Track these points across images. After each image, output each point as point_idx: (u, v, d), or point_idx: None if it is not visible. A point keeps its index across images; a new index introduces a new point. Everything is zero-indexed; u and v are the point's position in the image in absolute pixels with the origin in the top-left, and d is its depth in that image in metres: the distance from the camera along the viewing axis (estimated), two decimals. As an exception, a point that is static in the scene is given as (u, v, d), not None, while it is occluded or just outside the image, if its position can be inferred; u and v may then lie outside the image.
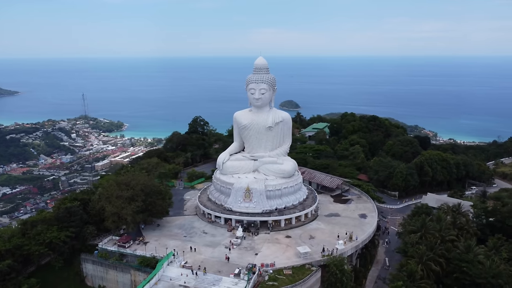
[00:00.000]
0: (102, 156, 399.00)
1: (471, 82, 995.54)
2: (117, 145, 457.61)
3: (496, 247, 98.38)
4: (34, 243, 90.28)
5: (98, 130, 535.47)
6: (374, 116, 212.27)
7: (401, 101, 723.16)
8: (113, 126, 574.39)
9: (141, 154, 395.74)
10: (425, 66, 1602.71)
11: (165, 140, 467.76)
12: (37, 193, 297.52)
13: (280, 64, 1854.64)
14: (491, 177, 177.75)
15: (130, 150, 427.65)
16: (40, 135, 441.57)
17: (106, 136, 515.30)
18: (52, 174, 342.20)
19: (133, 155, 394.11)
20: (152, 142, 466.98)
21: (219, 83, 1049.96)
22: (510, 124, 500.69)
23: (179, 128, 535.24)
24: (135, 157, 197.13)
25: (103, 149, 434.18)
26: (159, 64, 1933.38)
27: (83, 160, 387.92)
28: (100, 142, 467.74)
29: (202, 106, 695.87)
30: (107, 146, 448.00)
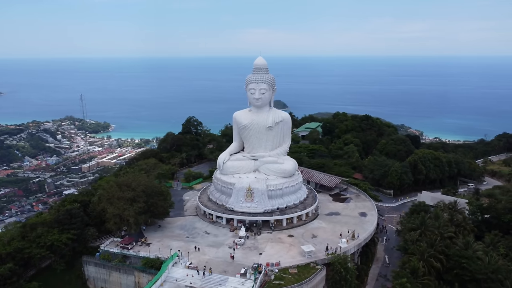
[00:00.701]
0: (89, 158, 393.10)
1: (455, 82, 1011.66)
2: (104, 146, 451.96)
3: (493, 243, 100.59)
4: (35, 246, 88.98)
5: (84, 131, 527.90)
6: (367, 116, 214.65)
7: (387, 100, 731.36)
8: (100, 127, 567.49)
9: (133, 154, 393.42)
10: (410, 66, 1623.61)
11: (152, 140, 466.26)
12: (22, 195, 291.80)
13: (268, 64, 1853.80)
14: (482, 174, 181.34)
15: (117, 151, 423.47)
16: (24, 137, 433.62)
17: (93, 137, 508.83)
18: (37, 176, 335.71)
19: (120, 156, 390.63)
20: (139, 143, 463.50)
21: (208, 83, 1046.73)
22: (492, 122, 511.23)
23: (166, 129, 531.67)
24: (131, 158, 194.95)
25: (89, 150, 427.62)
26: (145, 64, 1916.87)
27: (69, 162, 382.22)
28: (87, 144, 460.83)
29: (191, 106, 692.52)
30: (93, 147, 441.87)
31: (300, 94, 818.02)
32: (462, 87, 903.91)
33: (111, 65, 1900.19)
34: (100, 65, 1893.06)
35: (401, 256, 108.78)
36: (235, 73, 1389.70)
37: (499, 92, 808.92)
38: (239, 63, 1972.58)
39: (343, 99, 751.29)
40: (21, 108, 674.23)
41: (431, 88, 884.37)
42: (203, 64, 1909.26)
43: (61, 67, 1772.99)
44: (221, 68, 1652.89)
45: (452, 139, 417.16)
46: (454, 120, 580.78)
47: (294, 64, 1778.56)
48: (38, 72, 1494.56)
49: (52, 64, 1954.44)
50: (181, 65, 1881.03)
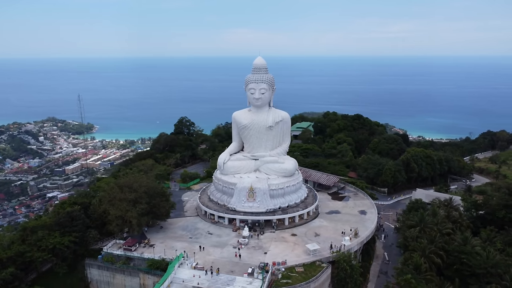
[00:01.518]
0: (73, 159, 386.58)
1: (437, 81, 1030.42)
2: (87, 147, 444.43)
3: (489, 239, 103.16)
4: (36, 249, 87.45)
5: (67, 133, 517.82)
6: (358, 115, 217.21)
7: (372, 100, 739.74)
8: (83, 128, 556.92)
9: (117, 155, 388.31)
10: (394, 66, 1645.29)
11: (137, 141, 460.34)
12: (4, 199, 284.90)
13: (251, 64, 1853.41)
14: (470, 172, 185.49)
15: (101, 152, 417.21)
16: (5, 139, 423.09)
17: (76, 138, 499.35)
18: (19, 178, 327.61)
19: (105, 157, 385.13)
20: (124, 144, 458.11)
21: (192, 83, 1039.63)
22: (474, 121, 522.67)
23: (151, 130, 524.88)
24: (127, 159, 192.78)
25: (73, 152, 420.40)
26: (129, 64, 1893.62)
27: (53, 164, 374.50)
28: (70, 145, 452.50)
29: (175, 107, 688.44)
30: (77, 149, 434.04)
31: (285, 94, 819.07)
32: (444, 86, 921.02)
33: (95, 65, 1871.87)
34: (84, 65, 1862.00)
35: (400, 253, 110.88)
36: (219, 73, 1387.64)
37: (481, 91, 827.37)
38: (223, 63, 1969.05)
39: (329, 98, 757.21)
40: (1, 109, 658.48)
41: (414, 88, 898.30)
42: (188, 64, 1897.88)
43: (43, 67, 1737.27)
44: (205, 68, 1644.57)
45: (435, 138, 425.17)
46: (437, 119, 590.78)
47: (278, 64, 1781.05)
48: (18, 72, 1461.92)
49: (34, 65, 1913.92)
50: (166, 65, 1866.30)
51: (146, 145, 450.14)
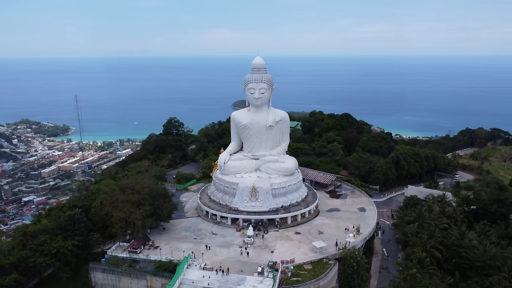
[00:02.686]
0: (49, 162, 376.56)
1: (412, 81, 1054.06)
2: (64, 150, 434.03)
3: (484, 232, 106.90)
4: (39, 254, 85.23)
5: (42, 135, 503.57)
6: (347, 114, 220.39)
7: (349, 99, 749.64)
8: (59, 130, 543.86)
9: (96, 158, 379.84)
10: (370, 66, 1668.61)
11: (116, 143, 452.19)
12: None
13: (230, 64, 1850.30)
14: (455, 168, 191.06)
15: (79, 154, 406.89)
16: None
17: (52, 140, 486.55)
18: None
19: (83, 159, 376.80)
20: (102, 145, 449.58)
21: (170, 84, 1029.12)
22: (449, 119, 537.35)
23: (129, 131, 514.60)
24: (119, 160, 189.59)
25: (49, 154, 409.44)
26: (103, 64, 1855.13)
27: (28, 167, 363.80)
28: (45, 148, 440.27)
29: (153, 107, 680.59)
30: (53, 152, 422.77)
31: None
32: (419, 85, 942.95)
33: (68, 65, 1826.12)
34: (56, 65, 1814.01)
35: (398, 249, 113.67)
36: (198, 73, 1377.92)
37: (455, 90, 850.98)
38: (201, 63, 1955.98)
39: (308, 98, 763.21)
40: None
41: (390, 87, 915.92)
42: (164, 64, 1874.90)
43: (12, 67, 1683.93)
44: (183, 68, 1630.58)
45: (411, 136, 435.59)
46: (413, 117, 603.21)
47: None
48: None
49: (1, 65, 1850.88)
50: (142, 65, 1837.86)
51: (125, 147, 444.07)
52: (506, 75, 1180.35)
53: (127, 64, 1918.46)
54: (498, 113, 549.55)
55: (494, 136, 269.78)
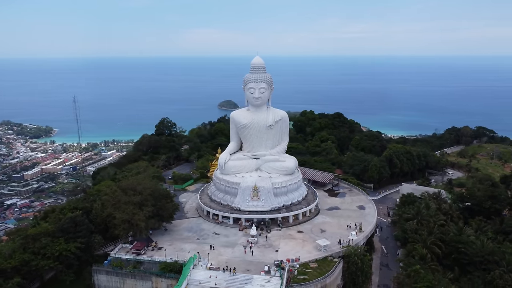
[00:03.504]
0: (31, 164, 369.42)
1: (396, 80, 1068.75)
2: (47, 152, 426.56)
3: (480, 228, 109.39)
4: (41, 257, 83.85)
5: (24, 137, 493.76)
6: (338, 113, 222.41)
7: (335, 98, 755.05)
8: (41, 132, 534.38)
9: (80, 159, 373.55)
10: (354, 66, 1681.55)
11: (100, 144, 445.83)
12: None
13: (215, 64, 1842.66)
14: (445, 166, 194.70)
15: (63, 156, 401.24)
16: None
17: (34, 142, 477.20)
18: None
19: (67, 161, 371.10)
20: (87, 147, 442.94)
21: (155, 84, 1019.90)
22: (432, 118, 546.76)
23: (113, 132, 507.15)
24: (116, 161, 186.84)
25: (31, 156, 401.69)
26: (87, 64, 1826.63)
27: (10, 170, 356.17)
28: (28, 150, 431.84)
29: (138, 108, 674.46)
30: (36, 154, 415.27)
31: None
32: (402, 85, 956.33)
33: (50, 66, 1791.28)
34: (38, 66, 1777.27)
35: (396, 246, 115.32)
36: (183, 73, 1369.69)
37: (436, 90, 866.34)
38: (186, 63, 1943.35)
39: (293, 98, 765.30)
40: None
41: (374, 87, 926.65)
42: (149, 64, 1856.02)
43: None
44: (167, 68, 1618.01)
45: (396, 135, 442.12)
46: (398, 116, 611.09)
47: (242, 64, 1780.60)
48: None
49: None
50: (126, 65, 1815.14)
51: (110, 148, 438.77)
52: (488, 75, 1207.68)
53: (111, 64, 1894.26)
54: (481, 112, 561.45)
55: (479, 134, 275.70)
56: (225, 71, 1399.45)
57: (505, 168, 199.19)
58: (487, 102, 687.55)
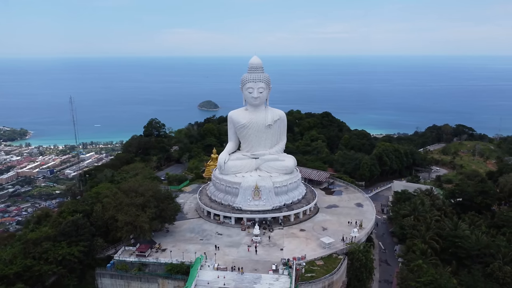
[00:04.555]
0: (6, 168, 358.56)
1: (373, 80, 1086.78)
2: (22, 155, 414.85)
3: (473, 223, 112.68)
4: (43, 262, 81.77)
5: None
6: (327, 113, 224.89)
7: (314, 98, 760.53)
8: (16, 134, 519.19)
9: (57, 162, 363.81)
10: (333, 65, 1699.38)
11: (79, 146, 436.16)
12: None
13: (194, 64, 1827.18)
14: (431, 163, 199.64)
15: (39, 159, 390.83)
16: None
17: (9, 145, 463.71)
18: None
19: (43, 164, 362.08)
20: (64, 149, 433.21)
21: (133, 84, 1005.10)
22: (410, 117, 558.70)
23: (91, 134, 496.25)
24: (105, 163, 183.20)
25: (6, 160, 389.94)
26: (62, 65, 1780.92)
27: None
28: (2, 153, 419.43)
29: (117, 109, 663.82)
30: (10, 157, 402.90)
31: (230, 94, 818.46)
32: (380, 84, 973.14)
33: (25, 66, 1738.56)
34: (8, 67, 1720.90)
35: (393, 242, 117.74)
36: (160, 73, 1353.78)
37: (414, 89, 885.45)
38: (163, 63, 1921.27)
39: (272, 97, 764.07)
40: None
41: (353, 86, 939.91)
42: (128, 64, 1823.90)
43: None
44: (146, 68, 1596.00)
45: (375, 133, 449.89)
46: (376, 115, 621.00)
47: (221, 64, 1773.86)
48: None
49: None
50: (104, 65, 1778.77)
51: (88, 150, 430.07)
52: (463, 74, 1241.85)
53: (89, 64, 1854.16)
54: (458, 110, 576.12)
55: (459, 132, 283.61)
56: (205, 71, 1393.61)
57: (487, 164, 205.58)
58: (463, 100, 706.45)
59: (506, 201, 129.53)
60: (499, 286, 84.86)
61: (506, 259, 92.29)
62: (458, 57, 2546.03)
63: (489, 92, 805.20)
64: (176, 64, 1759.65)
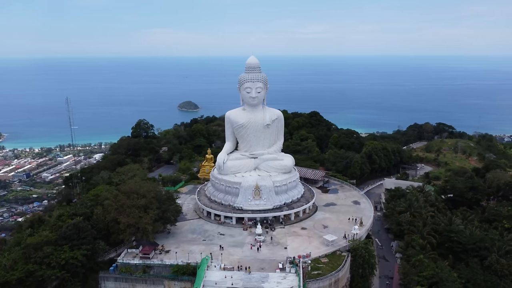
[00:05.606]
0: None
1: (351, 79, 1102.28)
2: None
3: (465, 218, 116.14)
4: (45, 267, 79.88)
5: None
6: (315, 112, 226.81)
7: (295, 98, 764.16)
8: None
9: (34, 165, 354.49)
10: (311, 65, 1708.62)
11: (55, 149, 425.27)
12: None
13: (173, 64, 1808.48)
14: (417, 161, 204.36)
15: (14, 163, 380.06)
16: None
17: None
18: None
19: (19, 168, 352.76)
20: (40, 152, 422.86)
21: (108, 85, 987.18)
22: (387, 116, 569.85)
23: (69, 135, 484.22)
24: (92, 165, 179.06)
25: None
26: (38, 65, 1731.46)
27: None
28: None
29: (96, 111, 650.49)
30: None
31: (210, 95, 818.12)
32: (357, 84, 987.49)
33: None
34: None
35: (389, 238, 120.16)
36: (141, 74, 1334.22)
37: (391, 88, 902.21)
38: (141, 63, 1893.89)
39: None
40: None
41: (332, 86, 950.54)
42: (106, 65, 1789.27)
43: None
44: (125, 68, 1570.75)
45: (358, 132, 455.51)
46: (356, 114, 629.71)
47: (201, 65, 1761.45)
48: None
49: None
50: (82, 66, 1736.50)
51: (66, 152, 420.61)
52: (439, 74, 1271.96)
53: (65, 64, 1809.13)
54: (435, 109, 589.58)
55: (440, 130, 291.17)
56: (185, 71, 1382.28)
57: (470, 161, 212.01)
58: (440, 99, 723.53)
59: (495, 196, 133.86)
60: (498, 278, 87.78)
61: (500, 252, 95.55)
62: (432, 57, 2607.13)
63: (463, 91, 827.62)
64: (155, 64, 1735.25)
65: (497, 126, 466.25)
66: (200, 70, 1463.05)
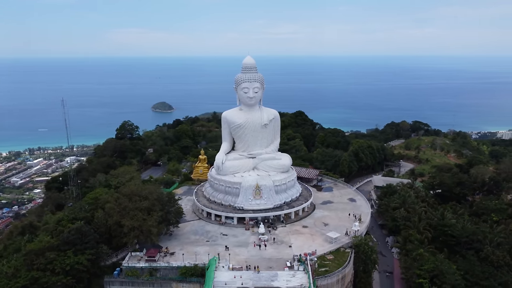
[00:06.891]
0: None
1: (325, 79, 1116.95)
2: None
3: (456, 212, 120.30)
4: (50, 273, 77.57)
5: None
6: (300, 111, 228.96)
7: (269, 98, 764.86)
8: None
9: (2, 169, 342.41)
10: (284, 65, 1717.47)
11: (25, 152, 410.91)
12: None
13: (145, 65, 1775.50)
14: (399, 159, 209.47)
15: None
16: None
17: None
18: None
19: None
20: (8, 156, 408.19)
21: (76, 86, 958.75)
22: (361, 114, 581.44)
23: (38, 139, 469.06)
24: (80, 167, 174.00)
25: None
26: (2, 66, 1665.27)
27: None
28: None
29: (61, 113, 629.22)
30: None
31: (184, 95, 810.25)
32: (331, 84, 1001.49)
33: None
34: None
35: (383, 234, 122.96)
36: (111, 74, 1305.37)
37: (364, 88, 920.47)
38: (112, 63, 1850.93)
39: (228, 98, 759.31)
40: None
41: (306, 86, 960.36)
42: (73, 65, 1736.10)
43: None
44: (93, 68, 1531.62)
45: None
46: (328, 113, 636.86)
47: (174, 65, 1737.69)
48: None
49: None
50: (48, 66, 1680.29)
51: (36, 156, 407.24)
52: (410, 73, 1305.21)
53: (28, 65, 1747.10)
54: (407, 108, 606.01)
55: (416, 128, 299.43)
56: (157, 71, 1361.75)
57: (448, 157, 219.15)
58: (412, 98, 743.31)
59: (480, 191, 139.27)
60: (494, 268, 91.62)
61: (493, 244, 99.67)
62: (404, 57, 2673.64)
63: (433, 90, 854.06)
64: (126, 65, 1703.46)
65: (466, 124, 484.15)
66: (174, 71, 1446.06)
